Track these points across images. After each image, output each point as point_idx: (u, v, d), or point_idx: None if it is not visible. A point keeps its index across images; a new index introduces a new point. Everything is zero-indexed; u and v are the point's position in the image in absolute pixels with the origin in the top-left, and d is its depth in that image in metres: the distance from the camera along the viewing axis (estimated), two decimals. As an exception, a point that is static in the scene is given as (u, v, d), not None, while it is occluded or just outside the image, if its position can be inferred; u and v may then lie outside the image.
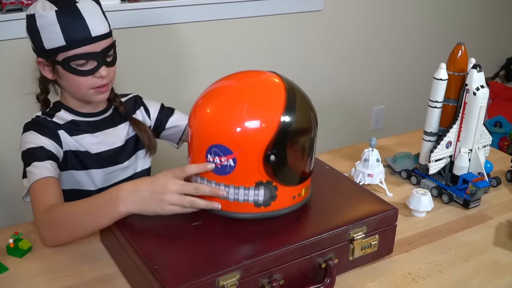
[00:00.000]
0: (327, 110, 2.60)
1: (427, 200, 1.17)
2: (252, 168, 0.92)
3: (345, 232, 0.96)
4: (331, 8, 2.39)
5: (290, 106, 0.93)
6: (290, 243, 0.91)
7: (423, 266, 1.02)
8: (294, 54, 2.40)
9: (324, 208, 1.02)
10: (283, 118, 0.92)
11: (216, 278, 0.83)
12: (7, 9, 1.70)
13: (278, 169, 0.93)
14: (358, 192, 1.09)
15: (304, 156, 0.97)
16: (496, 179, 1.32)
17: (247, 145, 0.91)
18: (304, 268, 0.94)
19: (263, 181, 0.93)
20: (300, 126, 0.95)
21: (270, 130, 0.91)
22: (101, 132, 1.24)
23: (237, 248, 0.90)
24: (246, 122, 0.91)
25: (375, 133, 2.75)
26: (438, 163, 1.27)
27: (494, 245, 1.09)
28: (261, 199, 0.95)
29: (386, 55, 2.68)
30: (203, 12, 2.09)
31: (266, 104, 0.93)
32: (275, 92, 0.95)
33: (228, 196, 0.95)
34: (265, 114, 0.92)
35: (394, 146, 1.52)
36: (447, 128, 1.25)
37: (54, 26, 1.08)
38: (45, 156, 1.13)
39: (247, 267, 0.86)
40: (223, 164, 0.93)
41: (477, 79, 1.18)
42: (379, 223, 1.01)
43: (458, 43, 1.22)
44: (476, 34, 2.91)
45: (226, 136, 0.92)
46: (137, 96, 1.37)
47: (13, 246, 1.02)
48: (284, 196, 0.96)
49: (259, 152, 0.91)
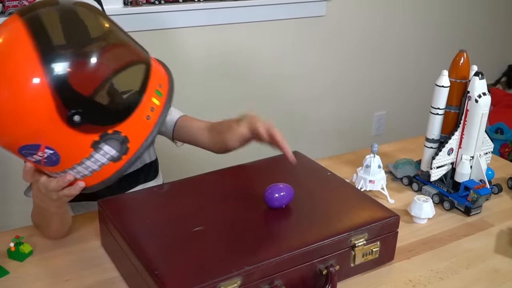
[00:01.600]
0: (328, 115, 2.61)
1: (429, 207, 1.17)
2: (71, 140, 0.79)
3: (346, 239, 0.96)
4: (334, 14, 2.40)
5: (45, 50, 0.73)
6: (291, 249, 0.90)
7: (424, 273, 1.02)
8: (297, 59, 2.41)
9: (325, 215, 1.02)
10: (48, 75, 0.72)
11: (217, 284, 0.83)
12: (9, 12, 1.71)
13: (96, 119, 0.79)
14: (359, 199, 1.09)
15: (111, 83, 0.79)
16: (497, 186, 1.32)
17: (42, 130, 0.76)
18: (306, 275, 0.93)
19: (96, 139, 0.81)
20: (83, 64, 0.75)
21: (43, 97, 0.73)
22: None
23: (238, 254, 0.90)
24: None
25: (376, 139, 2.75)
26: (440, 170, 1.27)
27: (495, 252, 1.09)
28: (114, 153, 0.83)
29: (388, 61, 2.69)
30: (206, 17, 2.10)
31: (9, 70, 0.73)
32: (14, 46, 0.74)
33: (84, 173, 0.86)
34: (15, 84, 0.73)
35: (395, 153, 1.52)
36: (448, 135, 1.25)
37: None
38: None
39: (248, 273, 0.85)
40: (46, 157, 0.81)
41: (479, 86, 1.19)
42: (380, 230, 1.00)
43: (460, 50, 1.22)
44: (478, 40, 2.92)
45: (13, 135, 0.78)
46: None
47: (14, 250, 1.02)
48: (132, 129, 0.83)
49: (61, 127, 0.77)
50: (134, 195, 1.12)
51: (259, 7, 2.20)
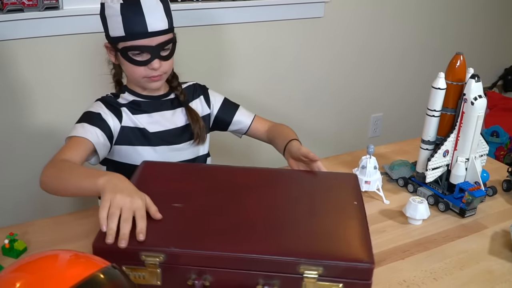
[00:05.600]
0: (325, 117, 2.61)
1: (424, 208, 1.18)
2: None
3: (294, 264, 0.86)
4: (332, 15, 2.40)
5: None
6: (224, 250, 0.87)
7: (418, 274, 1.02)
8: (295, 60, 2.41)
9: (300, 232, 0.93)
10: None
11: (140, 252, 0.86)
12: (8, 9, 1.71)
13: None
14: (353, 230, 0.95)
15: None
16: (492, 188, 1.32)
17: None
18: (242, 282, 0.88)
19: None
20: None
21: None
22: (158, 113, 1.32)
23: (180, 235, 0.91)
24: None
25: (372, 140, 2.75)
26: (435, 171, 1.27)
27: (489, 254, 1.10)
28: None
29: (385, 63, 2.69)
30: (203, 17, 2.10)
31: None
32: None
33: None
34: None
35: (391, 154, 1.52)
36: (444, 137, 1.26)
37: (117, 17, 1.19)
38: (99, 122, 1.24)
39: (173, 253, 0.87)
40: None
41: (475, 89, 1.19)
42: (343, 272, 0.86)
43: (457, 52, 1.23)
44: (474, 44, 2.93)
45: None
46: (197, 84, 1.45)
47: (8, 247, 1.02)
48: None
49: None
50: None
51: (257, 8, 2.20)
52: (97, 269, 0.71)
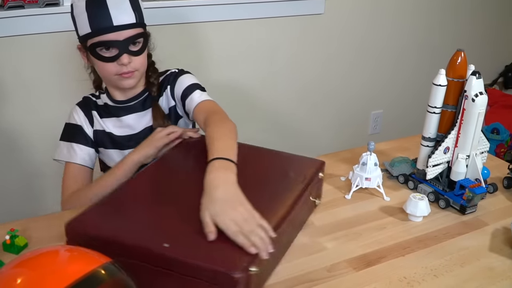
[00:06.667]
0: (325, 114, 2.61)
1: (424, 205, 1.18)
2: None
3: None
4: (332, 12, 2.40)
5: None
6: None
7: (419, 271, 1.02)
8: (294, 56, 2.41)
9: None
10: None
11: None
12: (9, 6, 1.71)
13: None
14: None
15: None
16: (493, 185, 1.32)
17: None
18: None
19: None
20: None
21: None
22: (129, 116, 1.33)
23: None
24: None
25: (373, 137, 2.75)
26: (436, 168, 1.27)
27: (490, 251, 1.10)
28: None
29: (386, 60, 2.69)
30: (202, 14, 2.09)
31: None
32: None
33: None
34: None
35: (392, 151, 1.52)
36: (445, 134, 1.25)
37: (83, 14, 1.19)
38: (81, 137, 1.30)
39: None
40: None
41: (476, 85, 1.19)
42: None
43: (458, 49, 1.23)
44: (475, 41, 2.93)
45: None
46: (173, 72, 1.38)
47: (9, 243, 1.02)
48: None
49: None
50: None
51: (258, 4, 2.20)
52: (98, 265, 0.71)
